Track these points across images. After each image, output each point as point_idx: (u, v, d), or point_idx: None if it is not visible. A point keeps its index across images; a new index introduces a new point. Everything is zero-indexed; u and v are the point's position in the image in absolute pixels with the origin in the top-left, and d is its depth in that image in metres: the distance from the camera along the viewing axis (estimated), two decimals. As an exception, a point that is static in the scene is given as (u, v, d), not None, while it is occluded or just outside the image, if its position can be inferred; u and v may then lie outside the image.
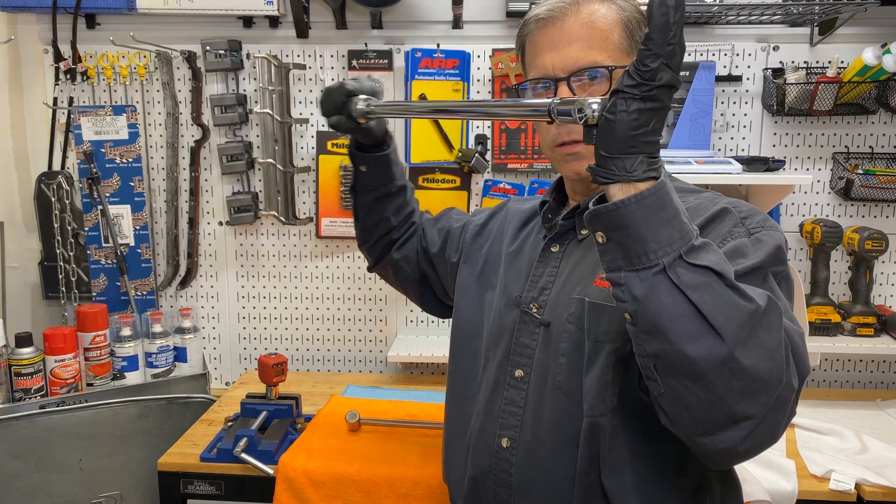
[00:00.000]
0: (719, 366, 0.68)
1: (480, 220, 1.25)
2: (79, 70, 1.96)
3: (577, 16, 0.95)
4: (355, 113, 1.07)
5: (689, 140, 1.86)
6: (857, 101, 1.83)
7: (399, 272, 1.31)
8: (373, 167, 1.19)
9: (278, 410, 1.60)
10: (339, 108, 1.08)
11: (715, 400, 0.69)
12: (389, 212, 1.24)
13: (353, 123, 1.08)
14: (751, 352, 0.68)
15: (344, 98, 1.08)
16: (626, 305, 0.71)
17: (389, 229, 1.26)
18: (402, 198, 1.25)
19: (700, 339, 0.67)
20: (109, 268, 2.02)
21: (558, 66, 0.95)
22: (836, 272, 1.93)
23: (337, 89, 1.09)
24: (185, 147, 2.02)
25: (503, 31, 1.92)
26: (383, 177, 1.20)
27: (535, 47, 0.99)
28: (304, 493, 1.41)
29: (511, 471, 0.99)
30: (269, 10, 1.88)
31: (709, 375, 0.68)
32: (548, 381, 0.97)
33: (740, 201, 0.93)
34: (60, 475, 1.63)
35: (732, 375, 0.68)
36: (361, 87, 1.09)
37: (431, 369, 2.08)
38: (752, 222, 0.87)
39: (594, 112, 0.71)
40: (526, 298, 1.03)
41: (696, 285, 0.67)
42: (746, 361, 0.67)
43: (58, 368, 1.75)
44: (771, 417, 0.70)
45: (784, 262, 0.85)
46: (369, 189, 1.22)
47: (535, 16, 0.99)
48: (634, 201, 0.68)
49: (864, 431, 1.64)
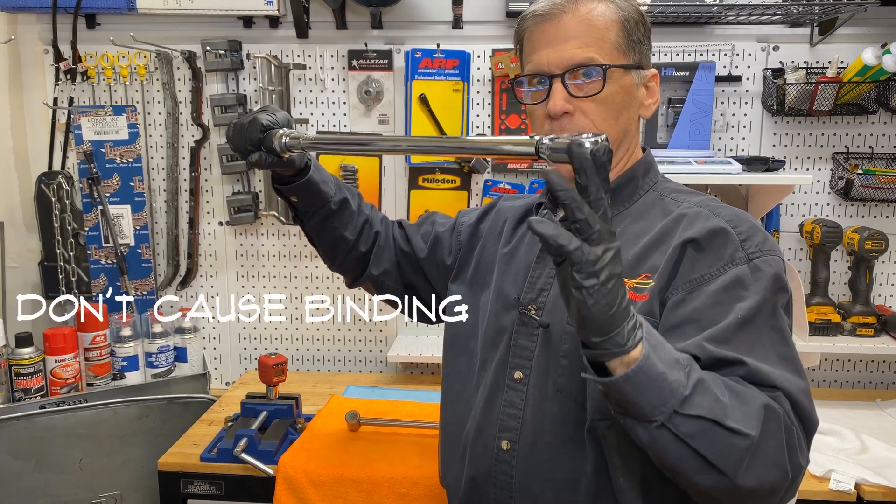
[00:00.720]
0: (728, 493, 0.77)
1: (471, 221, 1.22)
2: (79, 70, 1.96)
3: (574, 13, 0.95)
4: (279, 147, 0.99)
5: (688, 140, 1.86)
6: (857, 101, 1.82)
7: (381, 287, 1.25)
8: (303, 195, 1.11)
9: (278, 410, 1.60)
10: (256, 145, 1.00)
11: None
12: (340, 229, 1.17)
13: (274, 158, 1.01)
14: (753, 473, 0.76)
15: (260, 133, 1.00)
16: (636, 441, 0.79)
17: (350, 245, 1.19)
18: (348, 211, 1.17)
19: (705, 473, 0.76)
20: (109, 268, 2.02)
21: (554, 63, 0.95)
22: (836, 272, 1.93)
23: (250, 125, 1.00)
24: (186, 147, 2.02)
25: (503, 31, 1.92)
26: (317, 199, 1.12)
27: (531, 43, 0.98)
28: (305, 492, 1.41)
29: (512, 473, 0.98)
30: (270, 10, 1.88)
31: (721, 498, 0.79)
32: (548, 382, 0.96)
33: (738, 215, 0.93)
34: (60, 475, 1.63)
35: (741, 496, 0.77)
36: (277, 119, 1.01)
37: (431, 369, 2.08)
38: (750, 246, 0.89)
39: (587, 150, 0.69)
40: (524, 300, 1.02)
41: (694, 434, 0.74)
42: (751, 483, 0.76)
43: (58, 368, 1.75)
44: (783, 499, 0.80)
45: (786, 289, 0.89)
46: (310, 215, 1.15)
47: (532, 12, 0.98)
48: (622, 381, 0.72)
49: (864, 431, 1.64)
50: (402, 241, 1.24)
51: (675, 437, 0.74)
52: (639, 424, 0.75)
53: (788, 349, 0.85)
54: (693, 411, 0.74)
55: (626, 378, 0.72)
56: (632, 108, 0.99)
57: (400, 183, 2.00)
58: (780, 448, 0.77)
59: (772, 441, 0.77)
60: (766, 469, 0.76)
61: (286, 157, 1.01)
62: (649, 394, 0.73)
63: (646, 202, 1.01)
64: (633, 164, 1.03)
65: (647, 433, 0.75)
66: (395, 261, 1.24)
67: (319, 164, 1.13)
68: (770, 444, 0.76)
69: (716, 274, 0.88)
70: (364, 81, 1.95)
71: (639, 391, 0.73)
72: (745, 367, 0.81)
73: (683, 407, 0.74)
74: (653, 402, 0.73)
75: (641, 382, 0.72)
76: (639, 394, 0.73)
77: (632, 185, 1.02)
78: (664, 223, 0.95)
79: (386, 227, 1.25)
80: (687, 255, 0.90)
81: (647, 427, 0.75)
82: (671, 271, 0.90)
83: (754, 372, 0.80)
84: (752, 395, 0.78)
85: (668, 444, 0.75)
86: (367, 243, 1.21)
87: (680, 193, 1.01)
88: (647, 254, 0.93)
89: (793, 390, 0.81)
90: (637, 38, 0.98)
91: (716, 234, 0.90)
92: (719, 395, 0.76)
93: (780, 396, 0.80)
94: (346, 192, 1.17)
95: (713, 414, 0.74)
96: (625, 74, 0.96)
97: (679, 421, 0.74)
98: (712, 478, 0.76)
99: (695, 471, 0.76)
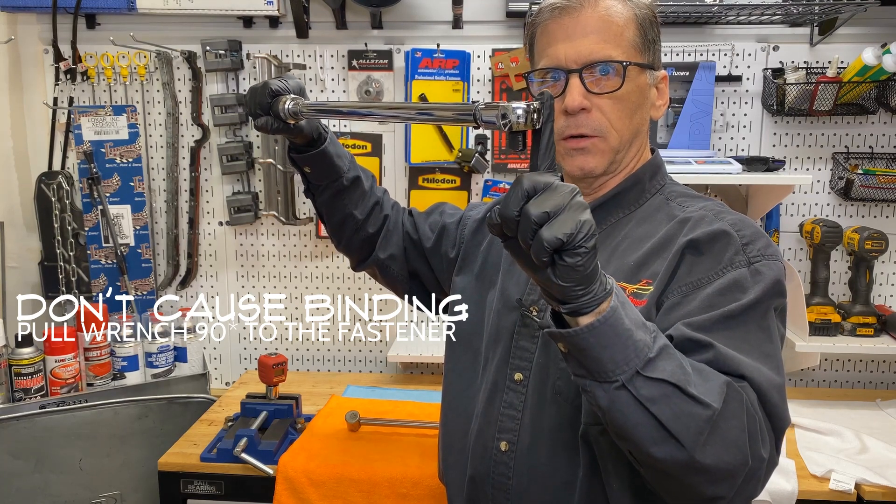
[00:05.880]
0: (683, 467, 0.74)
1: (478, 216, 1.20)
2: (79, 70, 1.96)
3: (594, 8, 0.94)
4: (283, 113, 1.00)
5: (688, 140, 1.86)
6: (857, 101, 1.82)
7: (387, 272, 1.24)
8: (316, 166, 1.12)
9: (278, 410, 1.60)
10: (266, 109, 1.01)
11: (685, 487, 0.77)
12: (350, 207, 1.17)
13: (280, 124, 1.01)
14: (711, 450, 0.73)
15: (269, 98, 1.01)
16: (595, 409, 0.76)
17: (358, 224, 1.19)
18: (360, 189, 1.17)
19: (662, 444, 0.73)
20: (109, 268, 2.01)
21: (571, 58, 0.93)
22: (836, 272, 1.92)
23: (261, 89, 1.01)
24: (186, 147, 2.02)
25: (503, 31, 1.92)
26: (331, 173, 1.13)
27: (547, 36, 0.97)
28: (305, 492, 1.41)
29: (509, 475, 0.98)
30: (269, 10, 1.88)
31: (675, 473, 0.75)
32: (547, 385, 0.96)
33: (742, 219, 0.92)
34: (60, 475, 1.63)
35: (697, 473, 0.74)
36: (287, 85, 1.02)
37: (432, 369, 2.07)
38: (752, 249, 0.88)
39: (518, 118, 0.69)
40: (526, 301, 1.02)
41: (655, 398, 0.72)
42: (708, 460, 0.73)
43: (58, 368, 1.75)
44: (743, 491, 0.77)
45: (783, 294, 0.87)
46: (322, 188, 1.15)
47: (550, 4, 0.96)
48: (587, 331, 0.70)
49: (864, 431, 1.64)
50: (410, 227, 1.24)
51: (634, 400, 0.72)
52: (598, 386, 0.73)
53: (772, 347, 0.83)
54: (656, 374, 0.72)
55: (592, 328, 0.69)
56: (644, 108, 0.99)
57: (400, 183, 2.00)
58: (742, 430, 0.75)
59: (733, 421, 0.74)
60: (724, 448, 0.74)
61: (291, 123, 1.02)
62: (613, 349, 0.70)
63: (652, 206, 1.00)
64: (641, 167, 1.02)
65: (605, 395, 0.73)
66: (402, 246, 1.23)
67: (336, 139, 1.14)
68: (731, 423, 0.74)
69: (713, 277, 0.86)
70: (364, 81, 1.95)
71: (602, 345, 0.70)
72: (713, 351, 0.79)
73: (646, 369, 0.72)
74: (616, 359, 0.71)
75: (606, 335, 0.70)
76: (602, 348, 0.70)
77: (638, 188, 1.01)
78: (668, 228, 0.94)
79: (396, 212, 1.24)
80: (685, 259, 0.89)
81: (606, 388, 0.72)
82: (669, 276, 0.89)
83: (722, 357, 0.79)
84: (713, 374, 0.76)
85: (627, 408, 0.72)
86: (375, 225, 1.21)
87: (686, 198, 1.00)
88: (650, 259, 0.92)
89: (762, 383, 0.78)
90: (651, 37, 0.97)
91: (717, 237, 0.89)
92: (684, 363, 0.75)
93: (746, 386, 0.78)
94: (359, 171, 1.17)
95: (676, 378, 0.72)
96: (640, 74, 0.96)
97: (640, 383, 0.72)
98: (669, 449, 0.73)
99: (651, 440, 0.73)
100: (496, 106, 0.71)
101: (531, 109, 0.69)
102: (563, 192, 0.65)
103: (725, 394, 0.74)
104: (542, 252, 0.64)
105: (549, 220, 0.64)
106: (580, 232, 0.64)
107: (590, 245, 0.65)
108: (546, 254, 0.65)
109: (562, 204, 0.65)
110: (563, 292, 0.68)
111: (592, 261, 0.67)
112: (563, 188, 0.66)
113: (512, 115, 0.69)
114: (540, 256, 0.65)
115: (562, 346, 0.74)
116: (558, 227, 0.64)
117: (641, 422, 0.73)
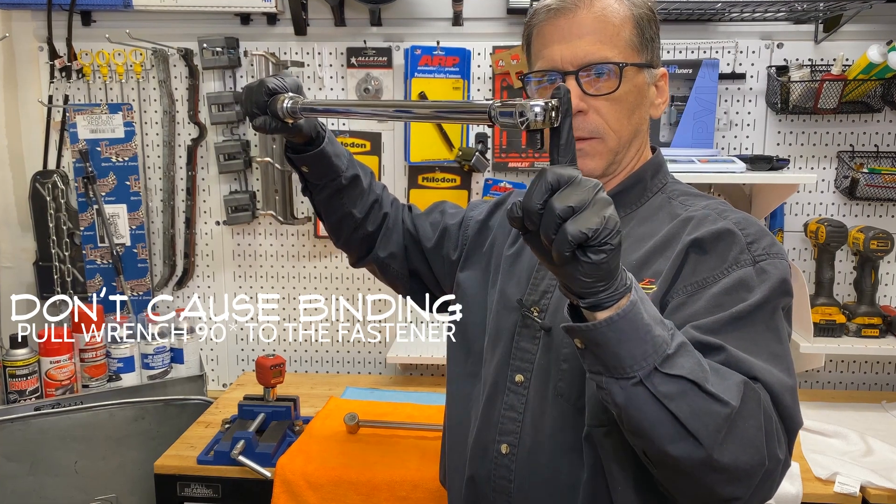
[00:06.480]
0: (700, 465, 0.73)
1: (481, 216, 1.19)
2: (74, 68, 1.95)
3: (589, 9, 0.93)
4: (282, 112, 0.98)
5: (692, 139, 1.84)
6: (862, 99, 1.81)
7: (387, 270, 1.23)
8: (314, 166, 1.10)
9: (276, 412, 1.59)
10: (263, 108, 0.99)
11: (701, 488, 0.76)
12: (349, 206, 1.15)
13: (279, 123, 0.99)
14: (729, 448, 0.72)
15: (266, 97, 0.98)
16: (610, 407, 0.75)
17: (357, 223, 1.18)
18: (358, 188, 1.15)
19: (679, 441, 0.72)
20: (105, 268, 2.00)
21: (567, 59, 0.93)
22: (841, 272, 1.91)
23: (257, 87, 0.99)
24: (182, 146, 2.00)
25: (504, 28, 1.91)
26: (329, 172, 1.11)
27: (543, 38, 0.96)
28: (303, 495, 1.40)
29: (510, 477, 0.97)
30: (267, 6, 1.87)
31: (691, 472, 0.74)
32: (549, 386, 0.95)
33: (747, 218, 0.92)
34: (56, 478, 1.62)
35: (714, 471, 0.73)
36: (284, 83, 1.00)
37: (431, 371, 2.06)
38: (757, 248, 0.87)
39: (536, 116, 0.68)
40: (527, 302, 1.00)
41: (673, 395, 0.71)
42: (726, 459, 0.72)
43: (53, 370, 1.73)
44: (759, 492, 0.76)
45: (789, 293, 0.87)
46: (320, 188, 1.13)
47: (546, 6, 0.95)
48: (606, 325, 0.69)
49: (870, 433, 1.62)
50: (410, 226, 1.23)
51: (652, 396, 0.70)
52: (615, 382, 0.71)
53: (781, 348, 0.83)
54: (675, 371, 0.71)
55: (611, 322, 0.68)
56: (643, 108, 0.98)
57: (399, 182, 1.99)
58: (759, 429, 0.74)
59: (751, 420, 0.73)
60: (742, 448, 0.73)
61: (290, 122, 1.00)
62: (631, 344, 0.69)
63: (653, 205, 0.99)
64: (641, 166, 1.01)
65: (622, 391, 0.71)
66: (402, 245, 1.22)
67: (335, 138, 1.12)
68: (749, 422, 0.73)
69: (719, 276, 0.86)
70: (363, 79, 1.93)
71: (620, 340, 0.69)
72: (724, 354, 0.78)
73: (664, 365, 0.70)
74: (634, 355, 0.70)
75: (625, 330, 0.69)
76: (620, 343, 0.69)
77: (639, 187, 1.00)
78: (670, 227, 0.93)
79: (395, 210, 1.23)
80: (689, 258, 0.88)
81: (623, 385, 0.71)
82: (673, 275, 0.88)
83: (734, 360, 0.78)
84: (730, 373, 0.76)
85: (645, 405, 0.71)
86: (374, 223, 1.20)
87: (688, 197, 0.99)
88: (652, 258, 0.92)
89: (775, 385, 0.77)
90: (650, 36, 0.96)
91: (721, 236, 0.88)
92: (702, 361, 0.74)
93: (759, 387, 0.77)
94: (357, 169, 1.15)
95: (694, 376, 0.71)
96: (638, 73, 0.95)
97: (658, 380, 0.70)
98: (686, 447, 0.71)
99: (668, 438, 0.72)
100: (513, 104, 0.69)
101: (549, 107, 0.68)
102: (587, 187, 0.65)
103: (743, 393, 0.73)
104: (566, 246, 0.64)
105: (573, 214, 0.64)
106: (605, 228, 0.64)
107: (615, 242, 0.65)
108: (569, 248, 0.64)
109: (586, 199, 0.64)
110: (584, 287, 0.67)
111: (617, 258, 0.66)
112: (586, 183, 0.65)
113: (530, 113, 0.68)
114: (562, 251, 0.64)
115: (578, 341, 0.72)
116: (583, 222, 0.63)
117: (659, 419, 0.71)
